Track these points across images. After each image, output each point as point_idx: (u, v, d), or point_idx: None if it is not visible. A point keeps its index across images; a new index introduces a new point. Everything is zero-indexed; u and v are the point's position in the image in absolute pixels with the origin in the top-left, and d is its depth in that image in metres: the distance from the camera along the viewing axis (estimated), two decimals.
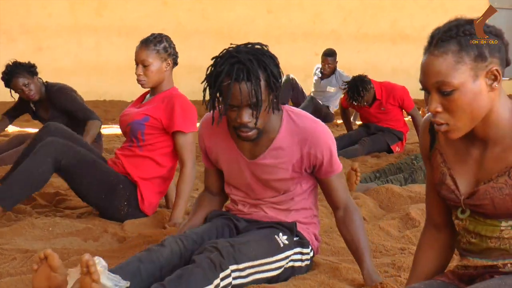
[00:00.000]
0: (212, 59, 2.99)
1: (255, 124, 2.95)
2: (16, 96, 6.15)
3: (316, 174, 3.17)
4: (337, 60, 9.92)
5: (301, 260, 3.19)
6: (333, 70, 9.92)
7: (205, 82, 2.98)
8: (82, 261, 2.57)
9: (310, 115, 3.19)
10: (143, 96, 4.51)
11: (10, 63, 5.95)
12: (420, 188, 5.10)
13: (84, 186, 4.22)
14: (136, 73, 4.23)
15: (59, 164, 4.14)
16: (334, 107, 9.98)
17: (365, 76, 7.26)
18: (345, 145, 7.23)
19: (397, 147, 7.32)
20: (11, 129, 9.12)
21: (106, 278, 2.62)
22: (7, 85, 6.00)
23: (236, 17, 13.59)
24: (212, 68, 2.94)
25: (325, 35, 14.21)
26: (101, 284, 2.57)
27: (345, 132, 8.08)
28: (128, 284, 2.70)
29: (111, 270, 2.74)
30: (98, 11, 12.69)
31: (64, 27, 12.28)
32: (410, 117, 7.35)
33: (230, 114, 2.96)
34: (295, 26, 13.99)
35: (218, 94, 2.94)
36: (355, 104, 7.26)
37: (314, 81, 10.22)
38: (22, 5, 12.26)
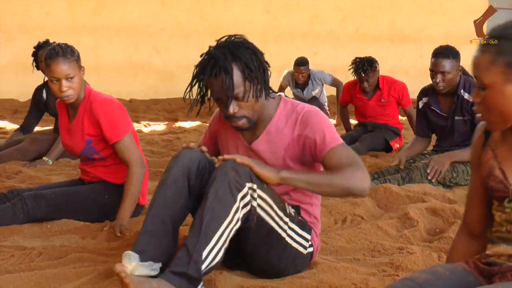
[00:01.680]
0: (201, 55, 3.12)
1: (241, 114, 3.05)
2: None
3: (316, 158, 3.11)
4: (309, 67, 9.60)
5: (301, 244, 3.16)
6: (307, 78, 9.62)
7: (191, 80, 3.11)
8: (115, 273, 2.65)
9: (308, 104, 3.23)
10: (63, 112, 4.36)
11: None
12: (418, 188, 5.11)
13: (76, 218, 4.17)
14: (60, 90, 4.06)
15: (34, 218, 4.09)
16: (324, 103, 9.87)
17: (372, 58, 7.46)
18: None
19: (396, 144, 7.35)
20: (10, 127, 9.13)
21: (140, 269, 2.72)
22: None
23: (234, 17, 13.58)
24: (196, 67, 3.10)
25: (323, 35, 14.22)
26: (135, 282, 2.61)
27: (343, 131, 8.10)
28: (160, 265, 2.81)
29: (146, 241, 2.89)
30: (96, 10, 12.69)
31: (62, 27, 12.27)
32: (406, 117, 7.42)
33: (219, 107, 3.13)
34: (293, 26, 13.98)
35: (204, 90, 3.09)
36: (363, 75, 7.35)
37: (295, 94, 9.79)
38: (20, 4, 12.25)
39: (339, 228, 4.21)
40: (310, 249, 3.25)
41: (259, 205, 2.92)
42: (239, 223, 2.85)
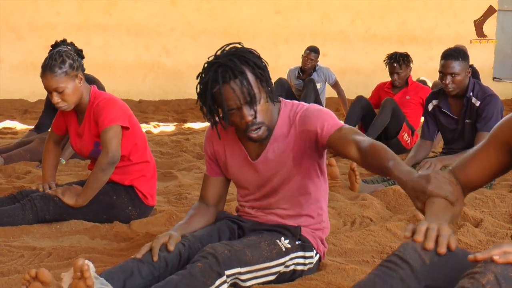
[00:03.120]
0: (196, 77, 3.02)
1: (260, 119, 2.98)
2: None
3: (321, 145, 3.08)
4: (318, 59, 9.62)
5: (304, 264, 3.19)
6: (313, 67, 9.60)
7: (198, 101, 3.00)
8: (76, 265, 2.56)
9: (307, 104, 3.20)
10: (72, 116, 4.35)
11: None
12: None
13: (85, 218, 4.19)
14: (53, 102, 4.07)
15: (43, 219, 4.11)
16: (323, 100, 9.83)
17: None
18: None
19: (405, 133, 7.28)
20: (20, 127, 9.16)
21: (99, 284, 2.62)
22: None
23: (244, 17, 13.59)
24: (199, 85, 2.98)
25: (333, 36, 14.21)
26: None
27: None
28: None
29: (111, 269, 2.79)
30: (107, 9, 12.71)
31: (73, 26, 12.30)
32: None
33: (234, 119, 2.99)
34: (303, 27, 13.98)
35: (215, 106, 2.98)
36: (395, 65, 7.54)
37: (297, 86, 9.72)
38: (31, 3, 12.29)
39: (348, 230, 4.20)
40: (317, 257, 3.28)
41: (249, 278, 2.95)
42: None
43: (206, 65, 2.97)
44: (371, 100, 7.96)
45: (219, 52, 3.00)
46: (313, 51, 9.53)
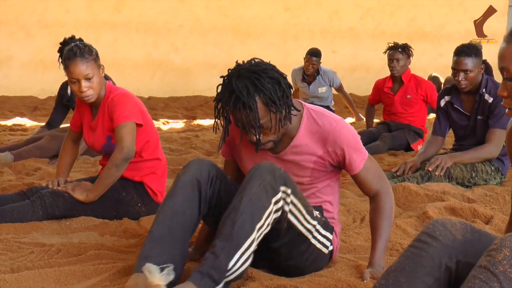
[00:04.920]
0: (220, 77, 3.05)
1: (265, 140, 3.05)
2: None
3: (345, 169, 3.22)
4: (321, 61, 9.45)
5: (324, 245, 3.18)
6: (316, 71, 9.43)
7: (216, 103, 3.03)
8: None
9: (332, 114, 3.22)
10: (86, 109, 4.36)
11: None
12: (437, 187, 5.08)
13: (94, 215, 4.19)
14: (80, 90, 4.05)
15: (52, 215, 4.11)
16: (331, 103, 9.79)
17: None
18: (365, 142, 7.27)
19: (418, 146, 7.30)
20: (30, 124, 9.18)
21: (164, 279, 2.66)
22: None
23: (253, 14, 13.58)
24: (216, 100, 3.02)
25: (342, 32, 14.19)
26: None
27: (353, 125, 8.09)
28: (172, 266, 2.74)
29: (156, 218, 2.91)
30: (116, 7, 12.73)
31: (82, 23, 12.33)
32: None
33: (244, 133, 3.07)
34: (312, 24, 13.97)
35: (227, 122, 3.03)
36: (392, 51, 7.50)
37: (302, 89, 9.65)
38: (40, 1, 12.32)
39: (358, 227, 4.19)
40: (331, 247, 3.26)
41: (290, 211, 2.94)
42: (269, 227, 2.85)
43: (227, 78, 2.99)
44: (372, 97, 7.93)
45: (243, 66, 3.01)
46: (313, 55, 9.32)
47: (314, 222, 3.08)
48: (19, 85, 12.09)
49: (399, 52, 7.47)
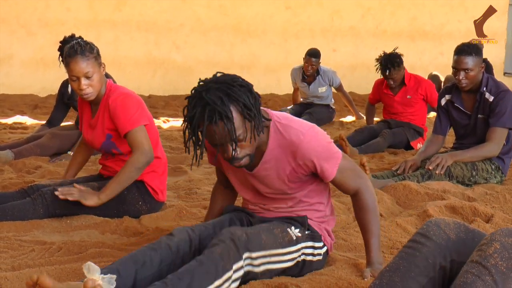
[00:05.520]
0: (185, 99, 2.96)
1: (242, 154, 2.96)
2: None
3: (320, 177, 3.19)
4: (320, 61, 9.38)
5: (313, 255, 3.21)
6: (316, 71, 9.39)
7: (184, 123, 2.94)
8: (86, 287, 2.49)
9: (298, 123, 3.13)
10: (86, 107, 4.37)
11: None
12: (437, 185, 5.08)
13: (95, 213, 4.18)
14: (79, 88, 4.05)
15: (53, 213, 4.11)
16: (331, 102, 9.74)
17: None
18: (365, 138, 7.28)
19: (418, 144, 7.30)
20: (30, 122, 9.18)
21: (103, 279, 2.57)
22: None
23: (254, 13, 13.58)
24: (186, 117, 2.92)
25: (343, 31, 14.18)
26: None
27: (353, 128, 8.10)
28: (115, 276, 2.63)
29: (122, 259, 2.78)
30: (117, 6, 12.73)
31: (83, 22, 12.33)
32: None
33: (218, 150, 2.96)
34: (313, 23, 13.96)
35: (198, 138, 2.92)
36: (387, 73, 7.36)
37: (302, 89, 9.61)
38: None
39: (358, 225, 4.19)
40: (324, 249, 3.30)
41: (266, 268, 2.97)
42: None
43: (195, 94, 2.89)
44: (372, 97, 7.93)
45: (210, 79, 2.94)
46: (312, 56, 9.28)
47: (297, 247, 3.10)
48: (20, 83, 12.09)
49: (389, 73, 7.35)
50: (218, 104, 2.80)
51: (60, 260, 3.34)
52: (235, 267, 2.81)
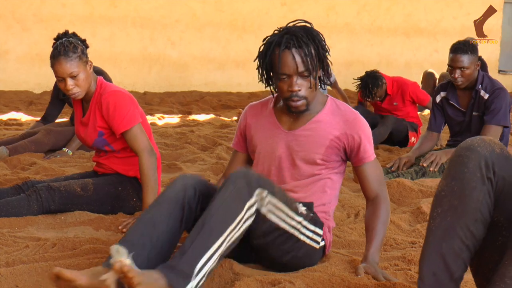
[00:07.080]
0: (262, 40, 3.19)
1: (304, 94, 3.12)
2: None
3: (351, 160, 3.29)
4: None
5: (310, 238, 3.16)
6: None
7: (257, 60, 3.17)
8: (115, 269, 2.50)
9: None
10: (78, 105, 4.36)
11: None
12: (431, 182, 5.09)
13: (89, 210, 4.20)
14: (66, 88, 4.05)
15: (48, 210, 4.11)
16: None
17: (377, 72, 7.32)
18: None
19: (413, 137, 7.29)
20: (25, 118, 9.18)
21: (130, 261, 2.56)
22: None
23: (250, 9, 13.58)
24: (263, 45, 3.14)
25: (339, 28, 14.20)
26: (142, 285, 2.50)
27: None
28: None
29: (133, 227, 2.84)
30: (112, 2, 12.72)
31: (79, 18, 12.32)
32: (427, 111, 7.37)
33: (282, 85, 3.13)
34: (309, 19, 13.52)
35: (270, 68, 3.14)
36: (368, 100, 7.31)
37: None
38: None
39: (352, 222, 4.21)
40: (322, 243, 3.27)
41: (270, 211, 2.92)
42: (241, 231, 2.81)
43: (275, 31, 3.14)
44: (361, 99, 7.91)
45: (291, 24, 3.17)
46: None
47: (299, 219, 3.07)
48: (15, 79, 12.08)
49: (371, 96, 7.32)
50: (303, 35, 3.08)
51: (54, 256, 3.34)
52: (247, 204, 2.81)
